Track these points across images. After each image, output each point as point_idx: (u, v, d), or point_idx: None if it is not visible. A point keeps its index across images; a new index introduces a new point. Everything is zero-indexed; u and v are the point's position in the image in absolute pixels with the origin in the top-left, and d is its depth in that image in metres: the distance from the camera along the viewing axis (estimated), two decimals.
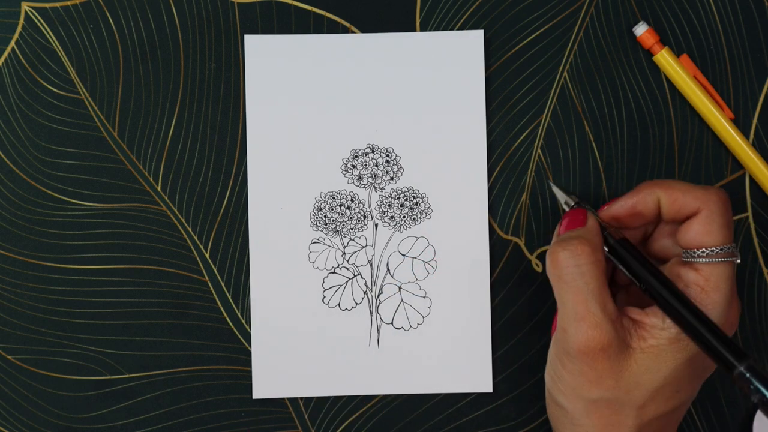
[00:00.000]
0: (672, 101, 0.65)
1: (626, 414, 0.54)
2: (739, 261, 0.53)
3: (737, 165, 0.65)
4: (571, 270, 0.54)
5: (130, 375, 0.64)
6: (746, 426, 0.65)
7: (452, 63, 0.64)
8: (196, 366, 0.64)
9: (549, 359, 0.57)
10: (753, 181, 0.65)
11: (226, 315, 0.64)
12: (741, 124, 0.65)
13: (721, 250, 0.52)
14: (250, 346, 0.64)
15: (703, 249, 0.52)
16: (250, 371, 0.64)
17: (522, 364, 0.64)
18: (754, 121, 0.65)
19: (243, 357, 0.64)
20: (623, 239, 0.56)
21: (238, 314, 0.64)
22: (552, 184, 0.61)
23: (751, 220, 0.65)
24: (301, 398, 0.64)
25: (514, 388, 0.64)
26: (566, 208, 0.59)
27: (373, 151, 0.64)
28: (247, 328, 0.64)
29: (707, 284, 0.52)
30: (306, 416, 0.64)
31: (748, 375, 0.51)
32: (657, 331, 0.53)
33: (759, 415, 0.64)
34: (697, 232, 0.53)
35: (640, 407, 0.54)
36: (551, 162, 0.65)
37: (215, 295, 0.64)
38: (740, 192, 0.65)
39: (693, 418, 0.65)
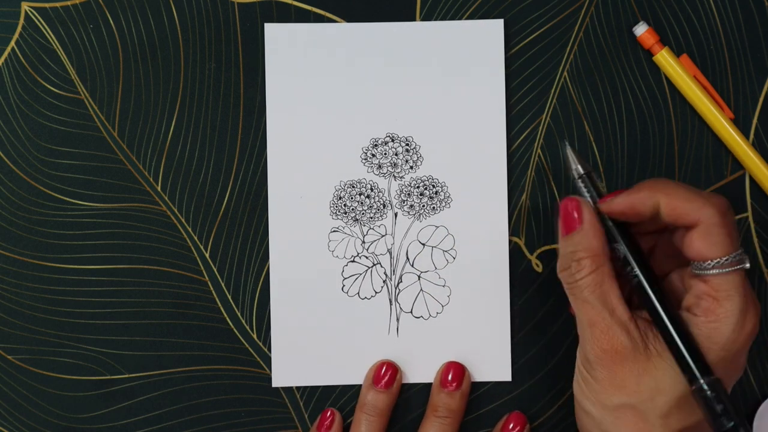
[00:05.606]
0: (672, 101, 0.65)
1: (652, 423, 0.52)
2: (748, 266, 0.52)
3: (737, 165, 0.65)
4: (573, 284, 0.54)
5: (130, 375, 0.64)
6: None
7: (472, 52, 0.64)
8: (196, 366, 0.64)
9: (576, 367, 0.56)
10: (753, 181, 0.65)
11: (226, 315, 0.64)
12: (741, 124, 0.65)
13: (726, 260, 0.51)
14: (249, 346, 0.64)
15: (709, 261, 0.52)
16: (250, 371, 0.64)
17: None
18: (754, 121, 0.65)
19: (243, 357, 0.64)
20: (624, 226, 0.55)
21: (238, 314, 0.64)
22: (566, 145, 0.59)
23: (751, 220, 0.65)
24: (304, 395, 0.64)
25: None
26: (575, 175, 0.57)
27: (392, 140, 0.64)
28: (248, 327, 0.64)
29: (718, 294, 0.52)
30: (306, 416, 0.64)
31: (708, 392, 0.50)
32: None
33: (759, 415, 0.64)
34: (700, 246, 0.52)
35: (665, 416, 0.52)
36: (551, 162, 0.65)
37: (215, 295, 0.64)
38: (740, 192, 0.65)
39: None
